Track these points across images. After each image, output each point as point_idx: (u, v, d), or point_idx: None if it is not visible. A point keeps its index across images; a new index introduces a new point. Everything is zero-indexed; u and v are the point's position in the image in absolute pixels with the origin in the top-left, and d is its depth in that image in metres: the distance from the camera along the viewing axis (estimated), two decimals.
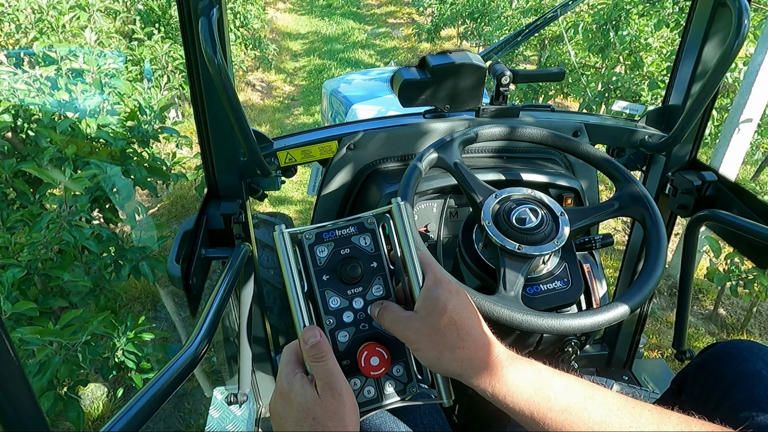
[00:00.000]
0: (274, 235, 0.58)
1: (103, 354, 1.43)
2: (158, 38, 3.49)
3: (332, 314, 0.58)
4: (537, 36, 4.26)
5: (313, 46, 7.22)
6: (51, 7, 2.60)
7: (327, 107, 3.03)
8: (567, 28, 3.74)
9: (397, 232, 0.59)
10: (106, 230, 1.62)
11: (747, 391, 0.81)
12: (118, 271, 1.62)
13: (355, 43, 7.24)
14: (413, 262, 0.58)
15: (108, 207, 1.86)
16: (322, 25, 8.13)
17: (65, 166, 1.62)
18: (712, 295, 2.68)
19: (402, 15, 8.61)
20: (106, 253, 1.61)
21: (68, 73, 1.95)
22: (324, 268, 0.59)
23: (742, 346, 0.88)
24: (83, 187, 1.53)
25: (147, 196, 3.05)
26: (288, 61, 6.63)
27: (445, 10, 6.17)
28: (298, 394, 0.53)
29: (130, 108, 1.96)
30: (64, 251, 1.51)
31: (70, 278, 1.48)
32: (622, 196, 0.93)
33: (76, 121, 1.77)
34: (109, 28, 3.07)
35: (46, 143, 1.72)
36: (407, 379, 0.59)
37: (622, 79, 3.17)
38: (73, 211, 1.49)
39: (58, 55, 1.96)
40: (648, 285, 0.81)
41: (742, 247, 1.21)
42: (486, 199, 0.89)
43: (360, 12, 8.83)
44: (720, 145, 2.46)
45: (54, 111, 1.77)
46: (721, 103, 2.92)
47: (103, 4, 2.97)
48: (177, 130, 2.08)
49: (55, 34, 2.55)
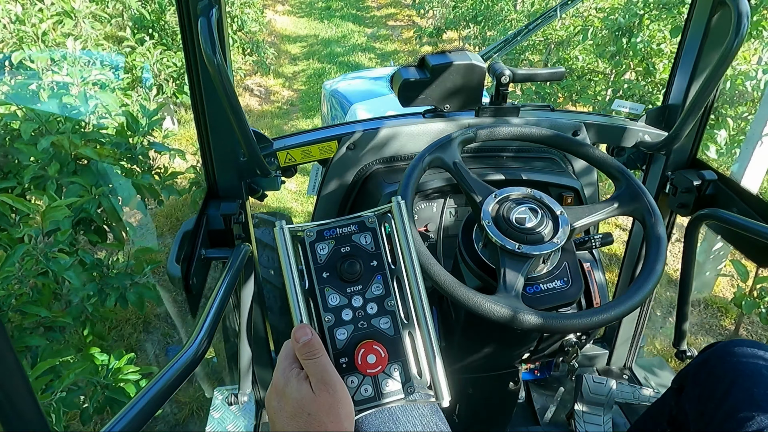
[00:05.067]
0: (274, 231, 0.58)
1: (82, 405, 1.34)
2: (150, 45, 3.38)
3: (331, 311, 0.58)
4: (543, 40, 4.19)
5: (312, 49, 7.16)
6: (29, 15, 2.43)
7: (327, 107, 3.03)
8: (575, 33, 3.63)
9: (396, 231, 0.59)
10: (89, 256, 1.49)
11: (747, 390, 0.81)
12: (103, 301, 1.49)
13: (355, 46, 7.18)
14: (412, 260, 0.58)
15: (93, 228, 1.72)
16: (322, 27, 8.08)
17: (48, 186, 1.53)
18: (732, 314, 2.64)
19: (402, 17, 8.55)
20: (91, 280, 1.49)
21: (51, 85, 1.82)
22: (324, 266, 0.59)
23: (743, 345, 0.88)
24: (62, 216, 1.39)
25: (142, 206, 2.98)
26: (287, 65, 6.56)
27: (448, 13, 6.06)
28: (294, 390, 0.53)
29: (118, 122, 1.82)
30: (41, 284, 1.39)
31: (48, 315, 1.35)
32: (622, 195, 0.93)
33: (59, 138, 1.63)
34: (97, 36, 2.95)
35: (27, 161, 1.60)
36: (405, 378, 0.59)
37: (635, 87, 3.08)
38: (51, 242, 1.36)
39: (38, 67, 1.84)
40: (648, 284, 0.81)
41: (743, 246, 1.20)
42: (485, 198, 0.89)
43: (360, 14, 8.78)
44: (741, 157, 2.39)
45: (35, 127, 1.64)
46: (737, 111, 2.83)
47: (90, 10, 2.85)
48: (167, 146, 1.97)
49: (36, 44, 2.39)
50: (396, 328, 0.60)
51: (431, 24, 6.95)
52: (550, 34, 4.10)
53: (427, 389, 0.60)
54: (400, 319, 0.60)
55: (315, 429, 0.51)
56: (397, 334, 0.59)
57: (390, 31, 7.82)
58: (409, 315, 0.60)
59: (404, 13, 8.70)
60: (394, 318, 0.60)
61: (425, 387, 0.60)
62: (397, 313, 0.60)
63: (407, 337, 0.60)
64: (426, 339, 0.60)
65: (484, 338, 1.07)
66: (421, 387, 0.60)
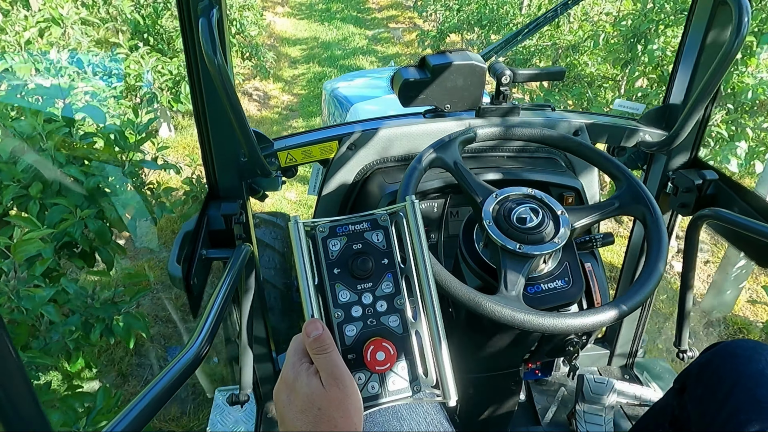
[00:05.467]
0: (289, 225, 0.59)
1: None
2: (144, 51, 3.20)
3: (341, 307, 0.59)
4: (551, 45, 4.03)
5: (312, 52, 7.08)
6: (10, 22, 2.26)
7: (327, 107, 3.03)
8: (585, 38, 3.48)
9: (409, 230, 0.60)
10: (73, 285, 1.37)
11: (750, 390, 0.81)
12: (87, 333, 1.36)
13: (356, 49, 7.10)
14: (424, 260, 0.59)
15: (79, 253, 1.59)
16: (322, 29, 8.00)
17: (30, 207, 1.42)
18: (755, 334, 2.64)
19: (404, 19, 8.48)
20: (74, 311, 1.37)
21: (35, 98, 1.69)
22: (335, 262, 0.59)
23: (746, 346, 0.88)
24: (35, 249, 1.26)
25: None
26: (286, 68, 6.47)
27: (452, 17, 5.86)
28: (303, 384, 0.53)
29: (104, 138, 1.66)
30: (16, 322, 1.26)
31: (24, 357, 1.22)
32: (623, 194, 0.93)
33: (41, 156, 1.50)
34: (87, 44, 2.81)
35: (8, 180, 1.48)
36: (412, 376, 0.59)
37: (650, 95, 2.95)
38: (24, 277, 1.25)
39: (21, 79, 1.73)
40: (649, 284, 0.81)
41: (744, 246, 1.20)
42: (486, 199, 0.89)
43: (360, 16, 8.71)
44: (765, 176, 2.30)
45: (16, 144, 1.50)
46: (756, 122, 2.71)
47: (79, 16, 2.72)
48: (159, 161, 1.86)
49: (19, 54, 2.22)
50: (404, 327, 0.60)
51: (434, 27, 6.85)
52: (558, 38, 3.93)
53: (432, 388, 0.60)
54: (408, 318, 0.60)
55: (325, 423, 0.51)
56: (405, 332, 0.60)
57: (391, 34, 7.75)
58: (416, 314, 0.60)
59: (405, 14, 8.63)
60: (402, 316, 0.60)
61: (431, 386, 0.60)
62: (405, 312, 0.60)
63: (414, 336, 0.60)
64: (436, 338, 0.60)
65: (486, 338, 1.07)
66: (427, 386, 0.60)
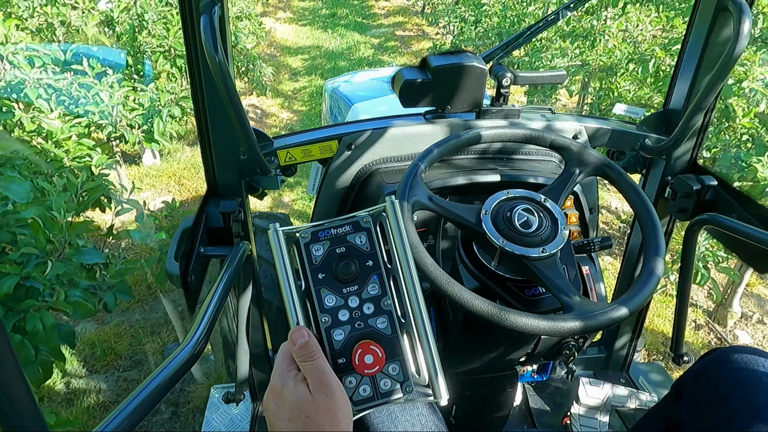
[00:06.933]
0: (268, 234, 0.58)
1: None
2: (113, 81, 2.73)
3: (328, 312, 0.58)
4: (580, 66, 3.47)
5: (314, 62, 6.66)
6: None
7: (327, 106, 3.03)
8: (626, 61, 2.99)
9: (391, 230, 0.59)
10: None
11: (746, 396, 0.81)
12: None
13: (362, 60, 6.73)
14: (407, 260, 0.59)
15: None
16: (325, 37, 7.63)
17: None
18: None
19: (411, 26, 8.14)
20: None
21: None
22: (319, 267, 0.59)
23: (743, 352, 0.87)
24: None
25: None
26: (286, 81, 6.09)
27: (469, 31, 5.23)
28: (291, 392, 0.53)
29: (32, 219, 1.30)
30: None
31: None
32: None
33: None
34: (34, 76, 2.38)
35: None
36: (403, 377, 0.59)
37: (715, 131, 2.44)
38: None
39: None
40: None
41: (741, 252, 1.20)
42: (479, 215, 0.86)
43: (366, 22, 8.36)
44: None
45: None
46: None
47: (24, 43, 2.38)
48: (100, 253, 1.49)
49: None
50: (393, 328, 0.60)
51: (450, 41, 6.20)
52: (589, 56, 3.40)
53: (425, 388, 0.60)
54: (397, 319, 0.60)
55: (313, 431, 0.51)
56: (394, 333, 0.59)
57: (398, 42, 7.40)
58: (406, 314, 0.60)
59: (413, 21, 8.29)
60: (390, 317, 0.60)
61: (423, 386, 0.60)
62: (393, 313, 0.60)
63: (405, 337, 0.60)
64: (423, 338, 0.59)
65: (482, 340, 1.07)
66: (419, 386, 0.60)
